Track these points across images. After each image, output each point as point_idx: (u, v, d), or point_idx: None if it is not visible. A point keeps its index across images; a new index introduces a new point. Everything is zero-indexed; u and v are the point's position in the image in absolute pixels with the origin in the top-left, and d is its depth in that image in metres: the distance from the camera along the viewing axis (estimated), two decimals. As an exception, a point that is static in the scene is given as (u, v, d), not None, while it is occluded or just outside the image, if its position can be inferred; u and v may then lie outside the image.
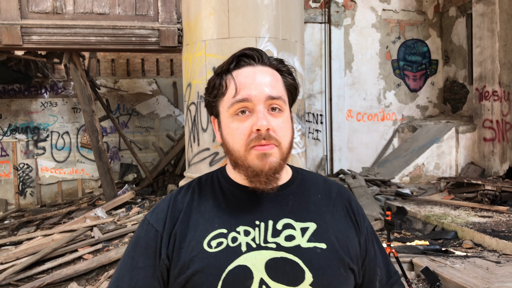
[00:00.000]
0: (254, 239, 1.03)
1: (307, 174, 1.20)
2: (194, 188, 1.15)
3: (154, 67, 10.62)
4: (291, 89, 1.12)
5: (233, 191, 1.11)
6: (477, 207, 5.89)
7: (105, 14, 5.60)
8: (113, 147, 10.41)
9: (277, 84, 1.07)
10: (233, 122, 1.04)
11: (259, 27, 5.05)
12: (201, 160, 5.22)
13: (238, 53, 1.08)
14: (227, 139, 1.07)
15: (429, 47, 10.71)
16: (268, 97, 1.03)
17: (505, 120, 8.02)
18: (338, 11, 10.03)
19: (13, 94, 9.76)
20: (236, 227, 1.05)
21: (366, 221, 1.19)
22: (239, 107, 1.03)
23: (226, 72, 1.07)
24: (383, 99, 10.44)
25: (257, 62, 1.07)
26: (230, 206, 1.08)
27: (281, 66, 1.11)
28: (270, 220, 1.06)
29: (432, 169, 8.64)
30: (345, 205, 1.15)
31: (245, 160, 1.03)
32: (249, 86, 1.03)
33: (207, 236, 1.04)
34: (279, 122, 1.04)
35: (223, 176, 1.15)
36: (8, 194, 9.79)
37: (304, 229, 1.06)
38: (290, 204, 1.09)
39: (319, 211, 1.10)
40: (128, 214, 6.53)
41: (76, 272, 4.65)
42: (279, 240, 1.03)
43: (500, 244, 4.38)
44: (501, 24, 7.94)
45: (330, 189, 1.17)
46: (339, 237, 1.07)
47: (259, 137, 1.01)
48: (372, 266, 1.16)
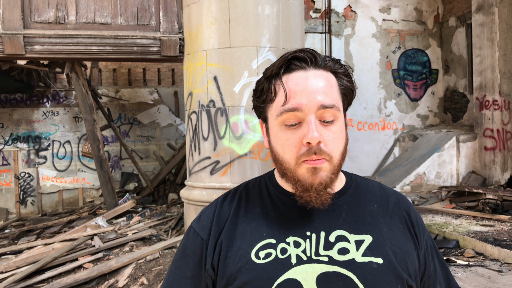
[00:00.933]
0: (305, 251, 0.97)
1: (362, 181, 1.13)
2: (241, 194, 1.09)
3: (156, 77, 10.67)
4: (347, 92, 1.03)
5: (282, 198, 1.05)
6: (479, 216, 5.87)
7: (107, 24, 5.64)
8: (114, 156, 10.42)
9: (331, 90, 0.97)
10: (282, 132, 0.97)
11: (260, 36, 5.09)
12: (202, 168, 5.23)
13: (289, 55, 0.98)
14: (276, 148, 1.00)
15: (429, 56, 10.76)
16: (320, 106, 0.94)
17: (505, 129, 8.03)
18: (338, 21, 10.09)
19: (15, 103, 9.81)
20: (286, 237, 0.99)
21: (426, 233, 1.10)
22: (289, 117, 0.96)
23: (275, 76, 0.99)
24: (383, 108, 10.47)
25: (309, 65, 0.98)
26: (279, 215, 1.02)
27: (337, 67, 1.01)
28: (322, 231, 0.99)
29: (433, 178, 8.63)
30: (403, 216, 1.07)
31: (295, 173, 0.97)
32: (300, 94, 0.95)
33: (255, 246, 0.99)
34: (331, 133, 0.96)
35: (271, 182, 1.09)
36: (9, 203, 9.79)
37: (359, 241, 0.99)
38: (344, 214, 1.02)
39: (375, 222, 1.03)
40: (129, 223, 6.52)
41: (77, 281, 4.63)
42: (332, 253, 0.96)
43: (502, 253, 4.36)
44: (501, 34, 7.98)
45: (387, 198, 1.09)
46: (396, 251, 1.00)
47: (310, 151, 0.94)
48: (432, 283, 1.09)
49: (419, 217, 1.11)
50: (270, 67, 1.01)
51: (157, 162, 9.96)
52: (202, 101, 5.15)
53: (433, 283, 1.08)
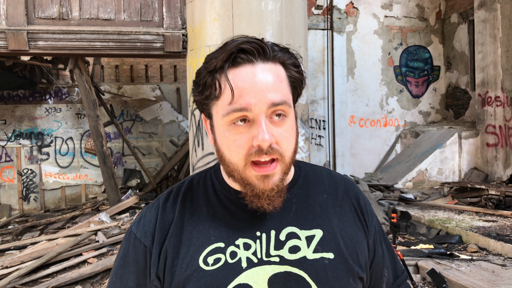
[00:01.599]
0: (255, 253, 0.92)
1: (311, 170, 1.07)
2: (186, 194, 1.01)
3: (158, 73, 10.68)
4: (297, 84, 0.95)
5: (230, 197, 0.98)
6: (481, 212, 5.89)
7: (110, 20, 5.65)
8: (117, 153, 10.44)
9: (281, 85, 0.90)
10: (229, 132, 0.89)
11: (263, 32, 5.09)
12: (206, 164, 5.24)
13: (234, 47, 0.88)
14: (221, 148, 0.92)
15: (431, 53, 10.76)
16: (271, 104, 0.87)
17: (508, 126, 8.03)
18: (340, 18, 10.09)
19: (17, 100, 9.82)
20: (235, 240, 0.93)
21: (375, 219, 1.08)
22: (237, 117, 0.87)
23: (220, 70, 0.89)
24: (385, 105, 10.47)
25: (257, 58, 0.88)
26: (227, 215, 0.96)
27: (286, 58, 0.93)
28: (273, 230, 0.94)
29: (435, 174, 8.64)
30: (352, 203, 1.04)
31: (244, 176, 0.90)
32: (248, 92, 0.86)
33: (203, 252, 0.92)
34: (282, 132, 0.89)
35: (217, 178, 1.01)
36: (12, 199, 9.82)
37: (309, 237, 0.95)
38: (294, 209, 0.98)
39: (325, 214, 0.99)
40: (132, 218, 6.54)
41: (81, 275, 4.66)
42: (283, 252, 0.92)
43: (505, 247, 4.37)
44: (503, 30, 7.98)
45: (336, 186, 1.05)
46: (347, 243, 0.97)
47: (260, 151, 0.86)
48: (380, 268, 1.07)
49: (367, 202, 1.08)
50: (213, 59, 0.90)
51: (160, 158, 9.98)
52: (206, 96, 5.16)
53: (381, 269, 1.07)
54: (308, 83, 9.63)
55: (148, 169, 9.61)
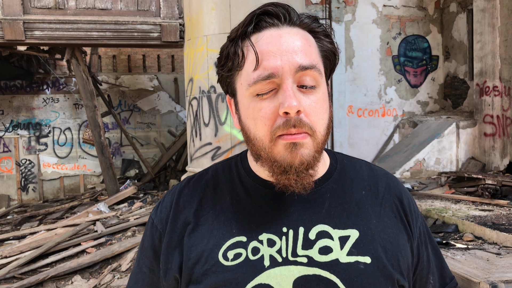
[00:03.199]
0: (280, 251, 0.83)
1: (349, 162, 0.97)
2: (208, 181, 0.94)
3: (155, 63, 10.65)
4: (329, 55, 0.87)
5: (256, 187, 0.90)
6: (478, 201, 5.92)
7: (107, 10, 5.62)
8: (115, 143, 10.45)
9: (310, 50, 0.82)
10: (253, 103, 0.82)
11: (260, 22, 5.08)
12: (203, 154, 5.26)
13: (258, 10, 0.82)
14: (246, 124, 0.84)
15: (430, 43, 10.73)
16: (298, 67, 0.79)
17: (505, 115, 8.04)
18: (338, 7, 10.04)
19: (15, 90, 9.80)
20: (259, 234, 0.85)
21: (420, 220, 0.97)
22: (264, 85, 0.80)
23: (242, 36, 0.82)
24: (383, 95, 10.46)
25: (283, 22, 0.82)
26: (252, 207, 0.88)
27: (315, 25, 0.85)
28: (301, 226, 0.85)
29: (432, 164, 8.67)
30: (395, 203, 0.93)
31: (271, 153, 0.81)
32: (273, 55, 0.79)
33: (223, 245, 0.85)
34: (312, 102, 0.81)
35: (243, 166, 0.94)
36: (10, 189, 9.84)
37: (343, 238, 0.85)
38: (327, 205, 0.88)
39: (363, 213, 0.88)
40: (131, 208, 6.57)
41: (80, 265, 4.69)
42: (312, 253, 0.83)
43: (501, 236, 4.41)
44: (502, 19, 7.95)
45: (377, 182, 0.95)
46: (387, 246, 0.86)
47: (288, 123, 0.78)
48: (425, 274, 0.96)
49: (412, 201, 0.97)
50: (236, 28, 0.84)
51: (158, 148, 9.99)
52: (203, 87, 5.16)
53: (426, 275, 0.96)
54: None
55: (146, 159, 9.63)
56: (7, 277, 4.67)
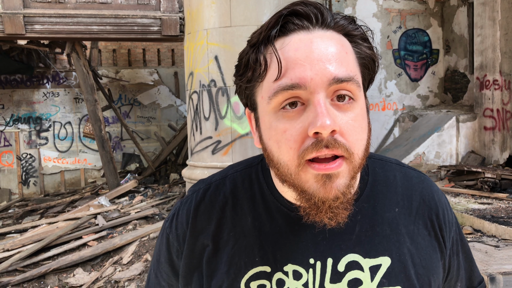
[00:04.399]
0: (306, 285, 0.76)
1: (381, 171, 0.85)
2: (227, 196, 0.83)
3: (155, 57, 10.65)
4: (367, 63, 0.75)
5: (281, 209, 0.79)
6: (477, 195, 5.95)
7: (107, 3, 5.62)
8: (115, 137, 10.47)
9: (346, 58, 0.70)
10: (278, 121, 0.69)
11: (260, 15, 5.08)
12: (204, 148, 5.28)
13: (284, 10, 0.70)
14: (269, 146, 0.72)
15: (430, 36, 10.71)
16: (333, 79, 0.67)
17: (505, 109, 8.06)
18: (339, 1, 10.02)
19: (15, 84, 9.81)
20: (284, 265, 0.77)
21: (453, 228, 0.88)
22: (287, 97, 0.68)
23: (266, 41, 0.70)
24: (384, 88, 10.46)
25: (314, 24, 0.70)
26: (276, 232, 0.78)
27: (352, 28, 0.73)
28: (330, 257, 0.77)
29: (432, 158, 8.69)
30: (429, 217, 0.84)
31: (298, 181, 0.69)
32: (302, 64, 0.67)
33: (245, 276, 0.77)
34: (350, 119, 0.68)
35: (266, 180, 0.82)
36: (11, 183, 9.88)
37: (374, 268, 0.77)
38: (357, 229, 0.79)
39: (396, 236, 0.80)
40: (132, 202, 6.60)
41: (82, 258, 4.73)
42: (341, 286, 0.76)
43: (500, 229, 4.44)
44: (502, 13, 7.94)
45: (411, 195, 0.84)
46: (419, 271, 0.79)
47: (319, 144, 0.66)
48: (452, 283, 0.90)
49: (447, 211, 0.87)
50: (258, 31, 0.72)
51: (158, 142, 10.01)
52: (203, 80, 5.17)
53: (453, 283, 0.90)
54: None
55: (147, 153, 9.66)
56: (10, 270, 4.71)
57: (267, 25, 0.70)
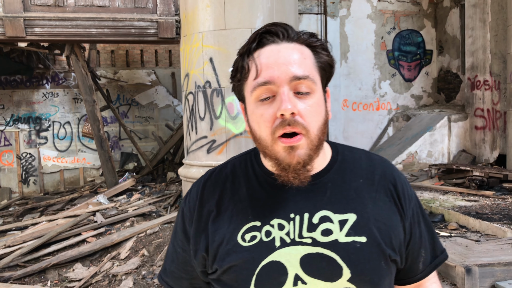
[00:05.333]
0: (288, 234, 0.98)
1: (349, 154, 1.10)
2: (227, 174, 1.09)
3: (153, 58, 10.80)
4: (324, 67, 1.01)
5: (267, 179, 1.04)
6: (465, 192, 6.11)
7: (105, 7, 5.78)
8: (114, 137, 10.63)
9: (304, 62, 0.96)
10: (257, 108, 0.97)
11: (254, 19, 5.24)
12: (199, 147, 5.44)
13: (261, 29, 0.98)
14: (253, 126, 1.00)
15: (424, 37, 10.87)
16: (293, 77, 0.93)
17: (495, 109, 8.23)
18: (334, 2, 10.17)
19: (15, 84, 9.96)
20: (270, 220, 0.99)
21: (413, 201, 1.09)
22: (262, 91, 0.95)
23: (248, 52, 0.98)
24: (378, 89, 10.62)
25: (282, 39, 0.97)
26: (265, 196, 1.03)
27: (313, 40, 0.99)
28: (306, 212, 0.99)
29: (424, 156, 8.85)
30: (389, 188, 1.05)
31: (273, 151, 0.96)
32: (271, 67, 0.94)
33: (241, 229, 1.00)
34: (307, 106, 0.94)
35: (257, 161, 1.09)
36: (11, 182, 10.03)
37: (343, 221, 0.99)
38: (328, 193, 1.02)
39: (360, 199, 1.02)
40: (129, 200, 6.76)
41: (81, 253, 4.89)
42: (315, 235, 0.97)
43: (483, 225, 4.61)
44: (492, 15, 8.11)
45: (373, 171, 1.07)
46: (381, 227, 1.00)
47: (284, 122, 0.92)
48: (417, 248, 1.09)
49: (406, 185, 1.09)
50: (244, 45, 1.00)
51: (156, 142, 10.17)
52: (199, 82, 5.33)
53: (417, 249, 1.09)
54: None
55: (145, 152, 9.81)
56: (11, 265, 4.87)
57: (249, 41, 0.98)
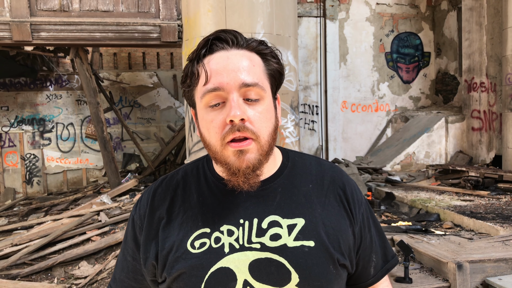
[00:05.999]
0: (237, 240, 0.98)
1: (300, 160, 1.11)
2: (178, 181, 1.09)
3: (155, 60, 10.95)
4: (274, 74, 1.01)
5: (218, 184, 1.04)
6: (461, 192, 6.25)
7: (109, 12, 5.92)
8: (116, 138, 10.78)
9: (253, 69, 0.96)
10: (207, 114, 0.96)
11: (254, 23, 5.38)
12: (201, 148, 5.58)
13: (211, 35, 0.97)
14: (203, 132, 0.98)
15: (422, 40, 11.02)
16: (242, 84, 0.93)
17: (491, 111, 8.37)
18: (333, 5, 10.32)
19: (19, 87, 10.12)
20: (220, 226, 0.99)
21: (363, 206, 1.10)
22: (212, 98, 0.94)
23: (198, 58, 0.97)
24: (377, 90, 10.77)
25: (231, 45, 0.96)
26: (215, 202, 1.02)
27: (262, 48, 1.00)
28: (255, 218, 0.99)
29: (422, 157, 9.00)
30: (338, 193, 1.07)
31: (222, 156, 0.95)
32: (220, 73, 0.93)
33: (191, 236, 1.00)
34: (256, 112, 0.95)
35: (208, 166, 1.08)
36: (16, 183, 10.19)
37: (291, 226, 0.99)
38: (278, 198, 1.02)
39: (309, 204, 1.03)
40: (132, 200, 6.90)
41: (86, 251, 5.03)
42: (264, 240, 0.97)
43: (477, 224, 4.75)
44: (489, 18, 8.25)
45: (323, 176, 1.08)
46: (329, 232, 1.00)
47: (233, 128, 0.92)
48: (367, 253, 1.10)
49: (355, 191, 1.10)
50: (193, 51, 0.98)
51: (158, 143, 10.32)
52: (200, 85, 5.47)
53: (368, 254, 1.10)
54: (301, 69, 9.92)
55: (147, 153, 9.95)
56: (18, 263, 5.01)
57: (198, 47, 0.97)
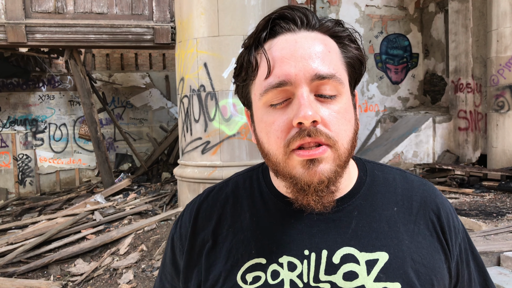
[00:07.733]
0: (301, 276, 0.77)
1: (381, 173, 0.88)
2: (228, 195, 0.88)
3: (147, 61, 11.04)
4: (353, 63, 0.79)
5: (277, 203, 0.83)
6: (447, 190, 6.43)
7: (103, 14, 6.02)
8: (109, 138, 10.85)
9: (329, 56, 0.75)
10: (267, 114, 0.76)
11: (246, 26, 5.52)
12: (194, 148, 5.70)
13: (273, 14, 0.76)
14: (260, 137, 0.78)
15: (410, 41, 11.23)
16: (315, 76, 0.72)
17: (477, 111, 8.59)
18: (323, 7, 10.49)
19: (11, 87, 10.16)
20: (279, 257, 0.79)
21: (460, 235, 0.87)
22: (275, 94, 0.74)
23: (256, 44, 0.76)
24: (366, 91, 10.95)
25: (300, 27, 0.75)
26: (272, 226, 0.82)
27: (339, 29, 0.78)
28: (324, 249, 0.79)
29: (410, 157, 9.19)
30: (430, 219, 0.84)
31: (286, 167, 0.74)
32: (287, 61, 0.73)
33: (242, 267, 0.80)
34: (332, 112, 0.74)
35: (265, 179, 0.88)
36: (8, 183, 10.22)
37: (371, 262, 0.78)
38: (354, 224, 0.80)
39: (394, 232, 0.81)
40: (126, 199, 7.00)
41: (81, 249, 5.13)
42: (336, 278, 0.77)
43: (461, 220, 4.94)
44: (474, 21, 8.48)
45: (411, 196, 0.86)
46: (420, 270, 0.79)
47: (302, 133, 0.71)
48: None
49: (452, 215, 0.87)
50: (251, 35, 0.78)
51: (150, 143, 10.41)
52: (193, 86, 5.60)
53: None
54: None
55: (139, 153, 10.04)
56: (14, 261, 5.09)
57: (257, 29, 0.76)
